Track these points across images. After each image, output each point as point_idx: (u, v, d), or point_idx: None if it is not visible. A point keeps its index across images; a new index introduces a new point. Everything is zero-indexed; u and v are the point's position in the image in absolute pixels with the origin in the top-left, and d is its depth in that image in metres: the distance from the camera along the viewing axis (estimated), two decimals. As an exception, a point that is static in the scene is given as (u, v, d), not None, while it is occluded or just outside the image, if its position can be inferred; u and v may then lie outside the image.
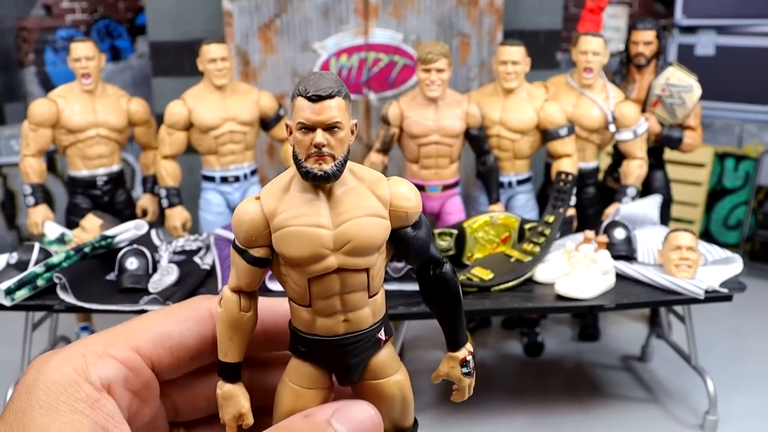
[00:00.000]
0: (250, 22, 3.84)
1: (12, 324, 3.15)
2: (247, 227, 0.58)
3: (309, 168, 0.57)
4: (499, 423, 3.00)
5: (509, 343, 3.71)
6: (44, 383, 0.48)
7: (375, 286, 0.60)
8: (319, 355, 0.59)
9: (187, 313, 0.59)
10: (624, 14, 5.56)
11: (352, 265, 0.58)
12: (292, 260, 0.57)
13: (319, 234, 0.57)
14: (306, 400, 0.59)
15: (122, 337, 0.54)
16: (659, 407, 3.12)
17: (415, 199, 0.60)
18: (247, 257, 0.59)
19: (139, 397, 0.54)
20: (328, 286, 0.58)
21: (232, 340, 0.60)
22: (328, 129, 0.57)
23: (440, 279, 0.64)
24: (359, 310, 0.59)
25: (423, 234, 0.62)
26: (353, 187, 0.59)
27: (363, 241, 0.58)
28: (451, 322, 0.65)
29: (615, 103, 3.22)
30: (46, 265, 2.44)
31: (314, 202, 0.58)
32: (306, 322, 0.59)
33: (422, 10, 3.90)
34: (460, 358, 0.65)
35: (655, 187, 3.49)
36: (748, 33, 4.97)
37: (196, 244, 2.88)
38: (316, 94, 0.56)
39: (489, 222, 2.81)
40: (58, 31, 5.49)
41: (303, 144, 0.57)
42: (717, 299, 2.59)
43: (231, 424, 0.59)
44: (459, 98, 3.09)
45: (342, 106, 0.57)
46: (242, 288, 0.60)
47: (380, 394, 0.61)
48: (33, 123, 3.11)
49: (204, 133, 3.16)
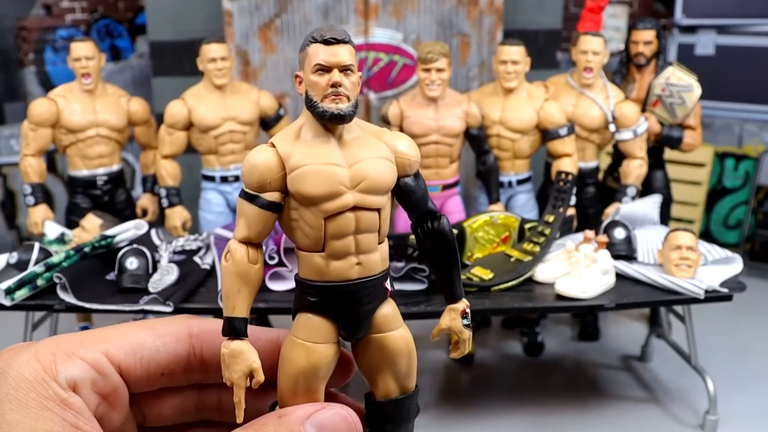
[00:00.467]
0: (250, 22, 3.84)
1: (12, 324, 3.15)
2: (263, 169, 0.59)
3: (326, 107, 0.60)
4: (499, 423, 3.00)
5: (509, 343, 3.71)
6: (13, 377, 0.48)
7: (383, 231, 0.62)
8: (331, 304, 0.60)
9: (165, 329, 0.58)
10: (624, 14, 5.55)
11: (367, 203, 0.60)
12: (311, 198, 0.58)
13: (336, 171, 0.59)
14: (318, 355, 0.59)
15: (94, 340, 0.54)
16: (659, 407, 3.12)
17: (416, 150, 0.66)
18: (260, 202, 0.60)
19: (107, 402, 0.54)
20: (344, 224, 0.59)
21: (240, 292, 0.60)
22: (343, 71, 0.60)
23: (438, 232, 0.66)
24: (370, 254, 0.61)
25: (423, 185, 0.66)
26: (361, 135, 0.62)
27: (376, 179, 0.60)
28: (449, 274, 0.67)
29: (615, 102, 3.22)
30: (46, 264, 2.44)
31: (327, 145, 0.60)
32: (319, 269, 0.60)
33: (422, 9, 3.90)
34: (460, 310, 0.68)
35: (655, 187, 3.49)
36: (748, 33, 4.97)
37: (196, 243, 2.88)
38: (333, 37, 0.60)
39: (489, 222, 2.81)
40: (58, 31, 5.49)
41: (319, 85, 0.60)
42: (717, 299, 2.59)
43: (240, 382, 0.57)
44: (459, 98, 3.09)
45: (353, 52, 0.61)
46: (251, 238, 0.61)
47: (387, 348, 0.62)
48: (33, 123, 3.11)
49: (204, 133, 3.16)
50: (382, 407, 0.63)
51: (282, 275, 2.54)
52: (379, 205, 0.61)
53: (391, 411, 0.63)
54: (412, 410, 0.65)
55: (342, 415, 0.55)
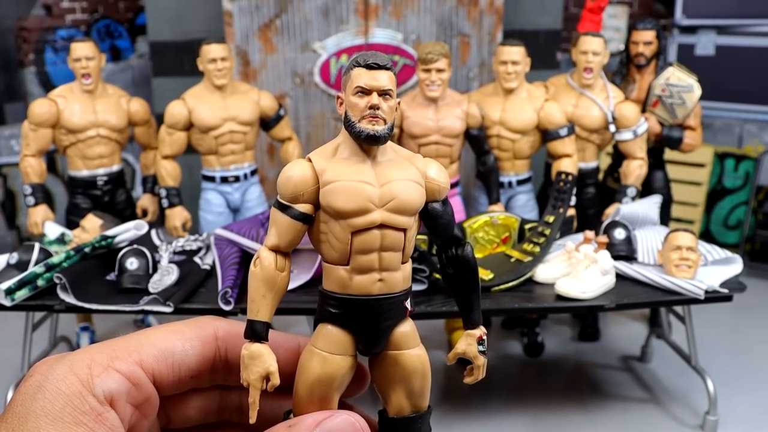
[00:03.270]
0: (250, 22, 3.84)
1: (12, 324, 3.15)
2: (297, 181, 0.62)
3: (363, 128, 0.63)
4: (499, 423, 3.00)
5: (509, 343, 3.71)
6: (50, 391, 0.49)
7: (407, 252, 0.65)
8: (351, 317, 0.62)
9: (192, 332, 0.59)
10: (624, 14, 5.56)
11: (394, 222, 0.63)
12: (340, 212, 0.61)
13: (367, 189, 0.62)
14: (334, 366, 0.61)
15: (127, 351, 0.54)
16: (659, 407, 3.12)
17: (445, 177, 0.67)
18: (292, 213, 0.63)
19: (140, 411, 0.54)
20: (370, 240, 0.62)
21: (265, 297, 0.62)
22: (382, 95, 0.64)
23: (462, 258, 0.68)
24: (393, 272, 0.63)
25: (450, 211, 0.68)
26: (394, 158, 0.65)
27: (405, 200, 0.63)
28: (469, 300, 0.69)
29: (615, 103, 3.22)
30: (46, 265, 2.44)
31: (361, 164, 0.63)
32: (342, 282, 0.62)
33: (422, 10, 3.90)
34: (477, 336, 0.69)
35: (655, 187, 3.49)
36: (748, 33, 4.97)
37: (196, 244, 2.88)
38: (375, 62, 0.64)
39: (489, 222, 2.81)
40: (58, 31, 5.49)
41: (359, 107, 0.63)
42: (717, 299, 2.59)
43: (256, 384, 0.59)
44: (459, 98, 3.09)
45: (393, 80, 0.65)
46: (281, 247, 0.64)
47: (402, 366, 0.64)
48: (33, 123, 3.11)
49: (204, 133, 3.16)
50: (394, 424, 0.64)
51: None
52: (406, 225, 0.63)
53: (403, 428, 0.65)
54: (424, 429, 0.66)
55: (350, 422, 0.56)
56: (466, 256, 0.68)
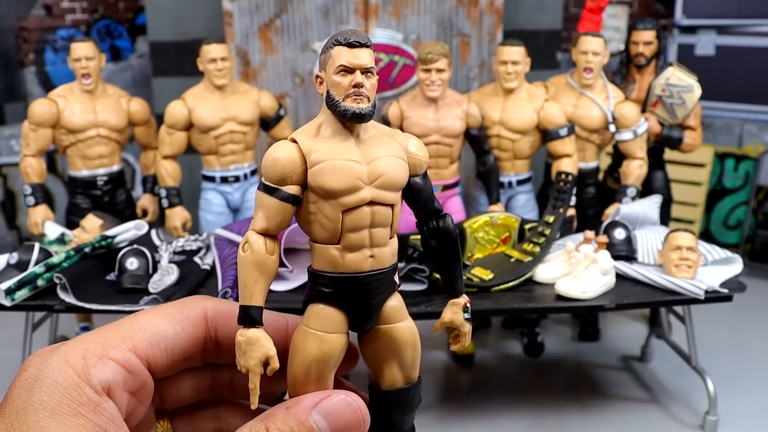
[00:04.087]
0: (250, 22, 3.84)
1: (12, 324, 3.16)
2: (284, 163, 0.62)
3: (348, 106, 0.63)
4: (499, 423, 3.00)
5: (509, 343, 3.71)
6: (46, 384, 0.49)
7: (395, 226, 0.66)
8: (344, 295, 0.62)
9: (182, 314, 0.59)
10: (624, 14, 5.56)
11: (383, 198, 0.63)
12: (331, 192, 0.61)
13: (356, 167, 0.62)
14: (331, 345, 0.61)
15: (120, 338, 0.54)
16: (659, 407, 3.12)
17: (425, 151, 0.68)
18: (280, 195, 0.62)
19: (136, 397, 0.55)
20: (361, 218, 0.62)
21: (258, 282, 0.62)
22: (364, 73, 0.64)
23: (443, 230, 0.69)
24: (383, 247, 0.64)
25: (430, 184, 0.68)
26: (376, 135, 0.66)
27: (392, 176, 0.64)
28: (452, 270, 0.70)
29: (615, 103, 3.22)
30: (46, 265, 2.44)
31: (346, 142, 0.64)
32: (334, 261, 0.62)
33: (422, 10, 3.90)
34: (461, 304, 0.70)
35: (655, 187, 3.49)
36: (748, 33, 4.97)
37: (196, 244, 2.88)
38: (357, 41, 0.64)
39: (489, 222, 2.81)
40: (58, 31, 5.49)
41: (342, 85, 0.63)
42: (717, 299, 2.59)
43: (256, 369, 0.59)
44: (459, 98, 3.09)
45: (373, 56, 0.65)
46: (269, 230, 0.64)
47: (394, 339, 0.65)
48: (33, 123, 3.11)
49: (204, 133, 3.16)
50: (388, 396, 0.65)
51: (283, 276, 2.54)
52: (393, 201, 0.64)
53: (397, 400, 0.65)
54: (416, 400, 0.67)
55: (347, 402, 0.56)
56: (447, 227, 0.69)
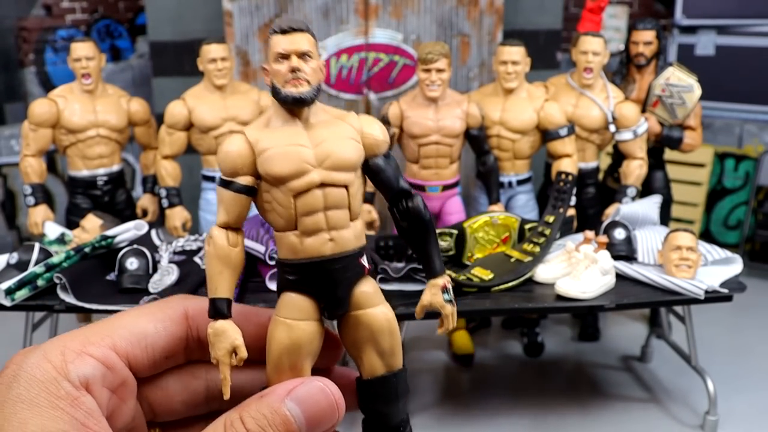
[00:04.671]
0: (250, 22, 3.84)
1: (12, 324, 3.15)
2: (235, 155, 0.63)
3: (288, 92, 0.64)
4: (499, 423, 3.00)
5: (509, 343, 3.71)
6: (25, 379, 0.49)
7: (355, 208, 0.65)
8: (308, 281, 0.63)
9: (163, 313, 0.59)
10: (624, 14, 5.56)
11: (333, 180, 0.63)
12: (279, 177, 0.62)
13: (301, 151, 0.63)
14: (299, 332, 0.61)
15: (100, 335, 0.55)
16: (659, 407, 3.12)
17: (384, 132, 0.68)
18: (234, 187, 0.64)
19: (117, 395, 0.55)
20: (312, 201, 0.63)
21: (222, 274, 0.63)
22: (301, 57, 0.64)
23: (413, 210, 0.68)
24: (342, 230, 0.64)
25: (394, 165, 0.68)
26: (326, 119, 0.66)
27: (340, 156, 0.64)
28: (427, 250, 0.69)
29: (615, 103, 3.22)
30: (46, 265, 2.44)
31: (293, 128, 0.64)
32: (293, 247, 0.63)
33: (422, 10, 3.90)
34: (440, 285, 0.69)
35: (655, 187, 3.49)
36: (748, 33, 4.97)
37: (196, 244, 2.88)
38: (289, 26, 0.65)
39: (489, 222, 2.81)
40: (58, 31, 5.49)
41: (280, 72, 0.64)
42: (717, 299, 2.59)
43: (224, 359, 0.59)
44: (459, 98, 3.09)
45: (311, 41, 0.65)
46: (230, 223, 0.65)
47: (367, 325, 0.64)
48: (33, 123, 3.11)
49: (204, 133, 3.16)
50: (369, 386, 0.64)
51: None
52: (346, 182, 0.64)
53: (378, 389, 0.64)
54: (401, 389, 0.65)
55: (320, 387, 0.56)
56: (417, 207, 0.68)
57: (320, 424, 0.55)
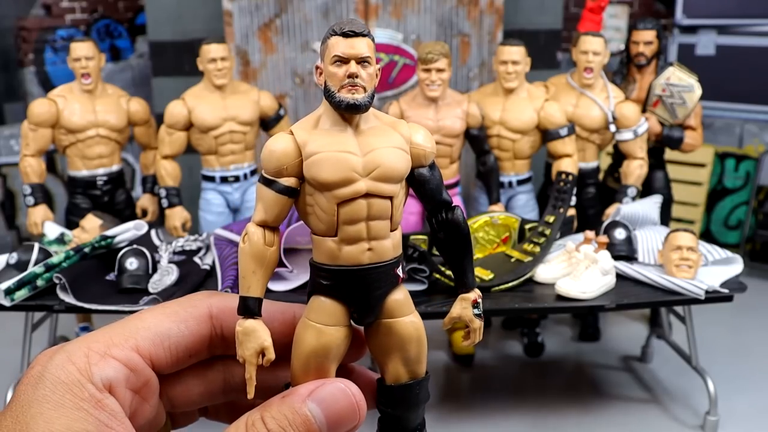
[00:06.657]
0: (250, 22, 3.84)
1: (12, 324, 3.15)
2: (280, 155, 0.61)
3: (342, 97, 0.62)
4: (499, 423, 3.00)
5: (509, 344, 3.71)
6: (50, 380, 0.50)
7: (396, 219, 0.64)
8: (342, 287, 0.62)
9: (186, 312, 0.59)
10: (624, 14, 5.55)
11: (379, 190, 0.62)
12: (325, 184, 0.61)
13: (350, 159, 0.61)
14: (329, 337, 0.60)
15: (123, 336, 0.55)
16: (659, 407, 3.12)
17: (432, 142, 0.66)
18: (277, 187, 0.62)
19: (140, 395, 0.55)
20: (356, 210, 0.61)
21: (255, 273, 0.62)
22: (360, 62, 0.62)
23: (452, 221, 0.67)
24: (382, 240, 0.62)
25: (438, 176, 0.67)
26: (377, 125, 0.64)
27: (389, 168, 0.62)
28: (461, 264, 0.68)
29: (615, 103, 3.22)
30: (45, 265, 2.44)
31: (343, 134, 0.62)
32: (331, 253, 0.62)
33: (422, 10, 3.89)
34: (471, 299, 0.68)
35: (656, 187, 3.49)
36: (749, 33, 4.96)
37: (196, 244, 2.88)
38: (351, 30, 0.62)
39: (489, 222, 2.80)
40: (57, 31, 5.48)
41: (337, 76, 0.62)
42: (717, 299, 2.59)
43: (252, 360, 0.59)
44: (459, 98, 3.09)
45: (371, 46, 0.63)
46: (268, 222, 0.63)
47: (396, 333, 0.63)
48: (33, 123, 3.11)
49: (204, 133, 3.15)
50: (392, 392, 0.64)
51: (282, 276, 2.54)
52: (392, 193, 0.63)
53: (401, 396, 0.64)
54: (422, 396, 0.65)
55: (341, 389, 0.56)
56: (456, 219, 0.67)
57: (341, 425, 0.55)
